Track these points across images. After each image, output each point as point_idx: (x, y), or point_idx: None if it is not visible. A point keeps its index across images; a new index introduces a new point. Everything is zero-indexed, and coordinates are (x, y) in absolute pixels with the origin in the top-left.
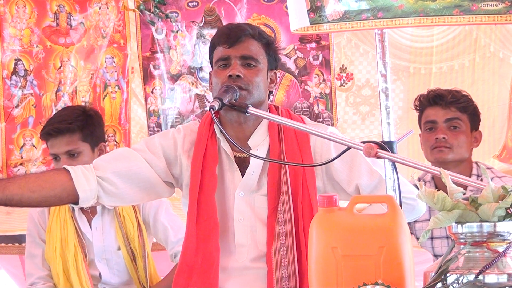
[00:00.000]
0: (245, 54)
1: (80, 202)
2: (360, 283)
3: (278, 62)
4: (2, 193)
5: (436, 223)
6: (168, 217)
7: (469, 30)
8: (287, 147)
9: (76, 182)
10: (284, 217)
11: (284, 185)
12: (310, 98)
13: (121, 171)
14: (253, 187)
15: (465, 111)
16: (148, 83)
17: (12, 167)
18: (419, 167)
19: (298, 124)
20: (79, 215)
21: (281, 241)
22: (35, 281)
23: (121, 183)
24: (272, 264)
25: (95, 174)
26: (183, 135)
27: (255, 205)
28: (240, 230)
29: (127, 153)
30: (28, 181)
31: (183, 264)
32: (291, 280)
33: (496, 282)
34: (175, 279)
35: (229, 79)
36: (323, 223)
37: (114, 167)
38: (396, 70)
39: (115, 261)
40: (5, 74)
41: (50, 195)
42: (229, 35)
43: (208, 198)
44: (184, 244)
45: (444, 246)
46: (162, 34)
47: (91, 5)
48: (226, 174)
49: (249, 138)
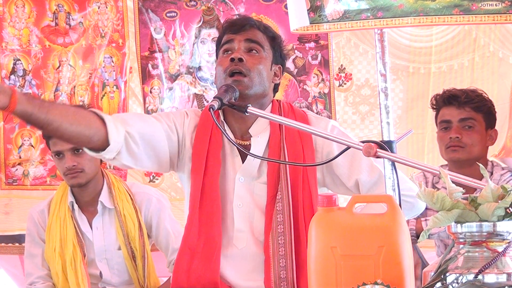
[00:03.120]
0: (249, 38)
1: (105, 151)
2: (360, 282)
3: (284, 59)
4: (46, 114)
5: (435, 223)
6: (171, 223)
7: (468, 30)
8: (287, 136)
9: (110, 131)
10: (282, 206)
11: (283, 174)
12: (309, 98)
13: (146, 133)
14: (254, 173)
15: (480, 111)
16: (146, 83)
17: (11, 167)
18: (419, 166)
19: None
20: (79, 214)
21: (279, 230)
22: (34, 281)
23: (143, 145)
24: (269, 253)
25: (124, 129)
26: (189, 117)
27: (254, 192)
28: (238, 216)
29: (151, 119)
30: (68, 112)
31: (185, 247)
32: (288, 269)
33: (495, 282)
34: (177, 263)
35: (231, 63)
36: (322, 223)
37: (141, 128)
38: (395, 70)
39: (116, 260)
40: (4, 74)
41: (84, 134)
42: (235, 23)
43: (212, 181)
44: (187, 227)
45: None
46: (160, 33)
47: (90, 5)
48: (227, 158)
49: (250, 127)
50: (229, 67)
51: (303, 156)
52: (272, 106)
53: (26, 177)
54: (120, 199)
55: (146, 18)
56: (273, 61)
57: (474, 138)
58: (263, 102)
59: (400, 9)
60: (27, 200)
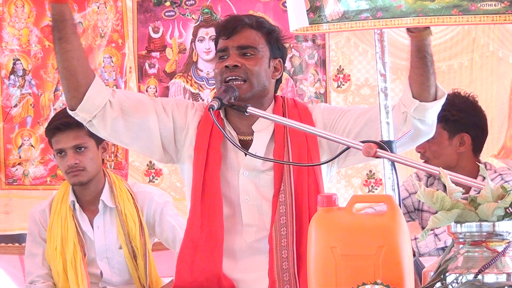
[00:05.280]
0: (242, 44)
1: (79, 109)
2: (359, 282)
3: (283, 51)
4: (72, 31)
5: (435, 223)
6: (174, 217)
7: (467, 30)
8: (291, 131)
9: (92, 88)
10: (285, 197)
11: (286, 166)
12: (305, 97)
13: (128, 105)
14: (257, 166)
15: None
16: (142, 81)
17: (10, 167)
18: (418, 166)
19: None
20: (80, 214)
21: (281, 221)
22: (34, 279)
23: (121, 115)
24: (273, 244)
25: (108, 97)
26: (195, 109)
27: (260, 184)
28: (247, 211)
29: (144, 97)
30: (82, 50)
31: (188, 240)
32: (290, 260)
33: (495, 282)
34: (180, 257)
35: (227, 70)
36: (322, 223)
37: (125, 98)
38: (395, 70)
39: (117, 260)
40: (3, 73)
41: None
42: (226, 26)
43: (213, 174)
44: (189, 220)
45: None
46: (158, 33)
47: (89, 5)
48: (230, 153)
49: (253, 123)
50: (224, 74)
51: (307, 148)
52: (275, 103)
53: (26, 177)
54: (121, 199)
55: (144, 17)
56: (271, 56)
57: (433, 150)
58: (264, 101)
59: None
60: (27, 200)
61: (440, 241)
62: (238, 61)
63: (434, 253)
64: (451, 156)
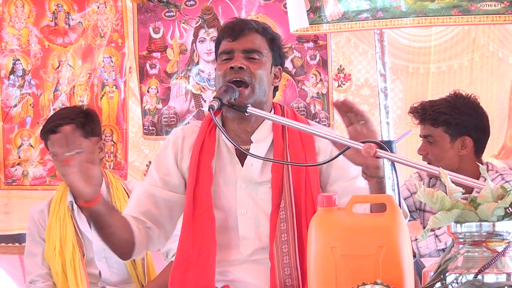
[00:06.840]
0: (248, 48)
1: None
2: (359, 282)
3: (283, 59)
4: (110, 218)
5: (435, 223)
6: None
7: (467, 30)
8: (291, 145)
9: (136, 250)
10: (285, 215)
11: (286, 182)
12: (307, 98)
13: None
14: (254, 178)
15: (437, 125)
16: (144, 82)
17: (10, 167)
18: (418, 166)
19: (299, 124)
20: (78, 214)
21: (283, 238)
22: (34, 279)
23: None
24: (274, 261)
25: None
26: (181, 139)
27: (258, 197)
28: (243, 223)
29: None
30: (121, 219)
31: (180, 258)
32: (293, 278)
33: (495, 282)
34: (172, 274)
35: (231, 71)
36: (322, 223)
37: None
38: (395, 70)
39: (115, 259)
40: (3, 73)
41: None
42: (233, 28)
43: (203, 191)
44: (181, 238)
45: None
46: (159, 33)
47: (89, 5)
48: (227, 168)
49: (252, 133)
50: (228, 75)
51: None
52: (274, 111)
53: (26, 177)
54: (117, 198)
55: (144, 17)
56: (273, 62)
57: (435, 153)
58: (263, 107)
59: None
60: (27, 200)
61: (440, 242)
62: (243, 63)
63: (434, 254)
64: (453, 159)
